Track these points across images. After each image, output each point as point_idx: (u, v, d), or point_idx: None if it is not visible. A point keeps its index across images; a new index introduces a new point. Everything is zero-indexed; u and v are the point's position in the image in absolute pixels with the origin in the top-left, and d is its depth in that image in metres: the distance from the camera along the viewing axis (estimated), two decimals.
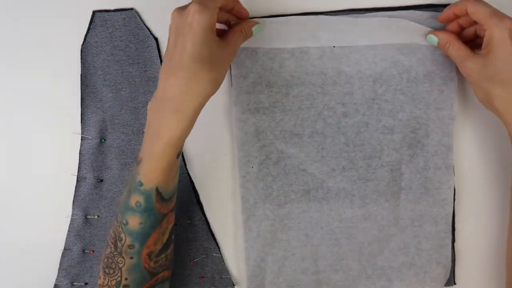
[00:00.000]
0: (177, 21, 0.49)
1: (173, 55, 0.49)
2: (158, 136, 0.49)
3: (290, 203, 0.60)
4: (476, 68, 0.52)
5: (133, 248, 0.51)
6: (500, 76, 0.50)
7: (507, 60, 0.50)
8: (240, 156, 0.59)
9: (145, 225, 0.51)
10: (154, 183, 0.50)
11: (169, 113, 0.48)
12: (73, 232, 0.62)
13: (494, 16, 0.50)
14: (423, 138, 0.59)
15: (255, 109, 0.59)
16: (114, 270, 0.52)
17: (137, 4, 0.60)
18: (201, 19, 0.47)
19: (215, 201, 0.62)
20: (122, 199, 0.53)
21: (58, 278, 0.62)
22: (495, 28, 0.50)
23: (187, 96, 0.48)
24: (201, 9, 0.47)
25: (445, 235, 0.60)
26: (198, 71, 0.48)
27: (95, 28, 0.60)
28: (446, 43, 0.54)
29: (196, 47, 0.48)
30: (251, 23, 0.55)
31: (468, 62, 0.52)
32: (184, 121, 0.49)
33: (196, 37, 0.48)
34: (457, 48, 0.54)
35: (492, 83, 0.51)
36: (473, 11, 0.51)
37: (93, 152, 0.61)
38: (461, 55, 0.53)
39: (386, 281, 0.60)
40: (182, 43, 0.48)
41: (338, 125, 0.59)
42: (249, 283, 0.60)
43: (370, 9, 0.59)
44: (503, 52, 0.50)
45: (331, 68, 0.58)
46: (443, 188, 0.59)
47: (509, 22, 0.50)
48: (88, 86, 0.61)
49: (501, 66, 0.50)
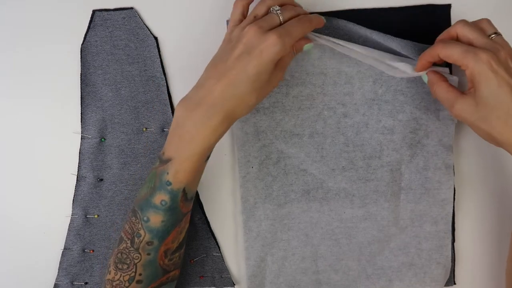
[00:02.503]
0: (251, 38, 0.49)
1: (231, 68, 0.49)
2: (193, 139, 0.49)
3: (290, 203, 0.60)
4: (468, 109, 0.48)
5: (152, 245, 0.52)
6: (496, 113, 0.47)
7: (496, 93, 0.47)
8: (240, 156, 0.59)
9: (167, 223, 0.52)
10: (183, 184, 0.51)
11: (212, 118, 0.49)
12: (73, 232, 0.62)
13: (468, 54, 0.47)
14: (423, 138, 0.59)
15: (255, 109, 0.59)
16: (128, 266, 0.52)
17: (137, 3, 0.60)
18: (273, 53, 0.48)
19: (215, 201, 0.62)
20: (142, 196, 0.52)
21: (58, 278, 0.62)
22: (473, 66, 0.47)
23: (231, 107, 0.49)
24: (278, 43, 0.48)
25: (445, 235, 0.60)
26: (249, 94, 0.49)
27: (95, 27, 0.60)
28: (434, 84, 0.52)
29: (257, 74, 0.49)
30: (304, 41, 0.54)
31: (458, 105, 0.49)
32: (223, 128, 0.50)
33: (261, 65, 0.48)
34: (446, 90, 0.51)
35: (490, 121, 0.47)
36: (446, 56, 0.49)
37: (93, 151, 0.61)
38: (450, 97, 0.50)
39: (386, 281, 0.60)
40: (245, 63, 0.48)
41: (338, 125, 0.59)
42: (249, 283, 0.60)
43: (371, 9, 0.58)
44: (490, 87, 0.47)
45: (331, 68, 0.58)
46: (443, 188, 0.59)
47: (484, 55, 0.46)
48: (88, 85, 0.61)
49: (493, 101, 0.47)
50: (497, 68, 0.46)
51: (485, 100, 0.47)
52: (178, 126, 0.50)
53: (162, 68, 0.60)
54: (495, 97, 0.47)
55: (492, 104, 0.47)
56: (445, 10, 0.58)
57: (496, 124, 0.47)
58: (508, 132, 0.47)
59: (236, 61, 0.49)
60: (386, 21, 0.58)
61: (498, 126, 0.47)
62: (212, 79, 0.49)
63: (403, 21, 0.59)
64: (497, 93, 0.47)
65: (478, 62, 0.47)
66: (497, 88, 0.47)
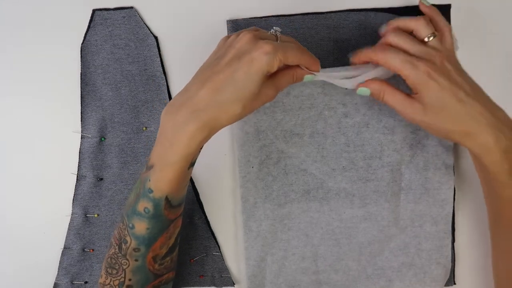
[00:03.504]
0: (244, 45, 0.47)
1: (218, 73, 0.47)
2: (172, 145, 0.47)
3: (290, 203, 0.60)
4: (419, 112, 0.50)
5: (139, 252, 0.51)
6: (443, 114, 0.49)
7: (439, 98, 0.48)
8: (240, 156, 0.59)
9: (152, 230, 0.50)
10: (165, 192, 0.49)
11: (191, 124, 0.46)
12: (73, 231, 0.62)
13: (406, 65, 0.48)
14: (423, 138, 0.59)
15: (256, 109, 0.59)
16: (117, 271, 0.52)
17: (137, 2, 0.60)
18: (264, 61, 0.46)
19: (215, 201, 0.62)
20: (129, 201, 0.51)
21: (58, 277, 0.62)
22: (414, 77, 0.48)
23: (214, 114, 0.46)
24: (270, 53, 0.46)
25: (445, 235, 0.60)
26: (233, 103, 0.46)
27: (95, 27, 0.60)
28: (379, 92, 0.52)
29: (245, 82, 0.46)
30: (305, 72, 0.51)
31: (409, 109, 0.50)
32: (203, 134, 0.47)
33: (250, 73, 0.46)
34: (392, 95, 0.51)
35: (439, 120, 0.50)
36: (384, 64, 0.50)
37: (93, 150, 0.61)
38: (399, 102, 0.51)
39: (386, 281, 0.60)
40: (234, 69, 0.46)
41: (339, 125, 0.59)
42: (249, 283, 0.60)
43: (371, 9, 0.58)
44: (432, 93, 0.48)
45: None
46: (443, 189, 0.59)
47: (421, 65, 0.48)
48: (88, 84, 0.61)
49: (438, 105, 0.49)
50: (436, 76, 0.48)
51: (431, 104, 0.49)
52: (161, 131, 0.49)
53: (162, 67, 0.60)
54: (439, 101, 0.49)
55: (439, 108, 0.49)
56: (445, 10, 0.58)
57: (445, 123, 0.49)
58: (457, 128, 0.49)
59: (225, 66, 0.47)
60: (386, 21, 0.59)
61: (447, 124, 0.49)
62: (197, 84, 0.47)
63: None
64: (440, 98, 0.49)
65: (417, 73, 0.48)
66: (440, 93, 0.48)
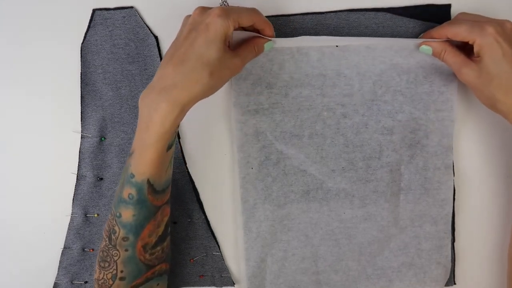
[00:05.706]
0: (196, 17, 0.50)
1: (180, 47, 0.49)
2: (148, 127, 0.49)
3: (290, 203, 0.60)
4: (473, 74, 0.52)
5: (127, 240, 0.52)
6: (497, 80, 0.51)
7: (500, 62, 0.50)
8: (240, 157, 0.59)
9: (138, 217, 0.51)
10: (146, 175, 0.50)
11: (161, 102, 0.48)
12: (73, 231, 0.62)
13: (474, 29, 0.51)
14: (422, 139, 0.59)
15: (255, 110, 0.59)
16: (109, 263, 0.52)
17: (137, 2, 0.60)
18: (218, 23, 0.48)
19: (215, 201, 0.62)
20: (116, 192, 0.53)
21: (58, 277, 0.62)
22: (480, 39, 0.50)
23: (182, 87, 0.48)
24: (222, 15, 0.48)
25: (445, 235, 0.60)
26: (198, 70, 0.48)
27: (95, 27, 0.60)
28: (441, 50, 0.54)
29: (205, 47, 0.48)
30: (264, 40, 0.54)
31: (465, 69, 0.52)
32: (175, 112, 0.48)
33: (208, 38, 0.48)
34: (452, 55, 0.54)
35: (491, 88, 0.51)
36: (453, 34, 0.52)
37: (93, 150, 0.61)
38: (457, 61, 0.53)
39: (386, 281, 0.60)
40: (192, 39, 0.49)
41: (338, 126, 0.59)
42: (249, 284, 0.60)
43: (371, 9, 0.58)
44: (494, 56, 0.50)
45: (331, 70, 0.58)
46: (442, 189, 0.59)
47: (490, 27, 0.50)
48: (88, 84, 0.61)
49: (495, 70, 0.50)
50: (501, 40, 0.50)
51: (488, 68, 0.51)
52: (139, 118, 0.50)
53: None
54: (497, 67, 0.50)
55: (494, 73, 0.51)
56: (445, 10, 0.58)
57: (496, 92, 0.51)
58: (507, 100, 0.51)
59: (184, 40, 0.49)
60: (386, 21, 0.58)
61: (498, 93, 0.51)
62: (163, 64, 0.50)
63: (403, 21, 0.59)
64: (499, 63, 0.50)
65: (485, 35, 0.50)
66: (501, 58, 0.50)
